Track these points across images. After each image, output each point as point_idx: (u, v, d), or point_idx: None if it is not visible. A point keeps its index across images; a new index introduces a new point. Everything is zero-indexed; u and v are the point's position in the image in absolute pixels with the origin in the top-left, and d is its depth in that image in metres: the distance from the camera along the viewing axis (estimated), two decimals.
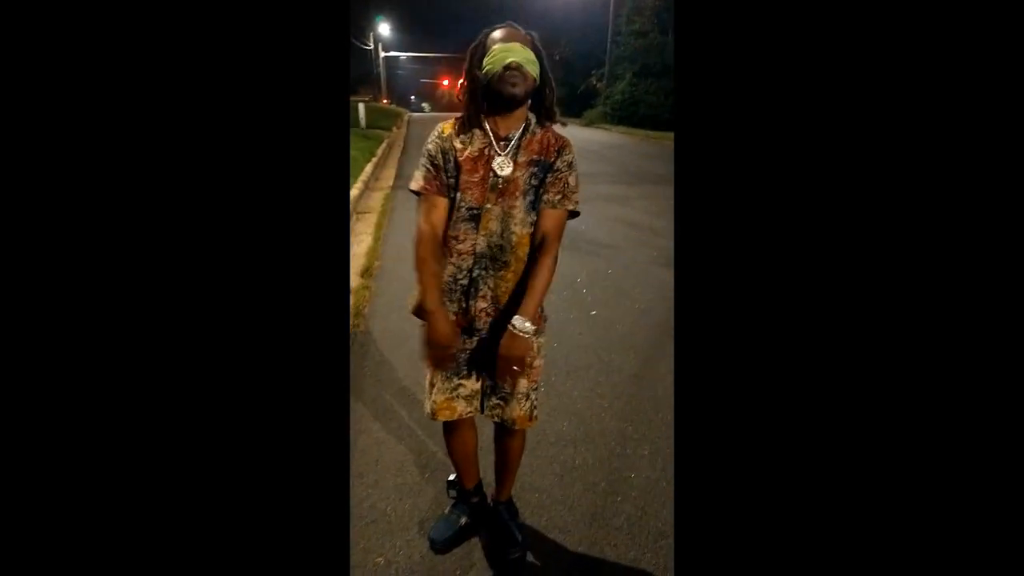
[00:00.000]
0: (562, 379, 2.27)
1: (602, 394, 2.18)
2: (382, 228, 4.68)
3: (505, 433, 1.39)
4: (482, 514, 1.52)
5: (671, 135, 14.61)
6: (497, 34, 1.13)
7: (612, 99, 19.88)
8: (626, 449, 1.85)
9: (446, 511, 1.52)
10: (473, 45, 1.17)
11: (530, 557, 1.43)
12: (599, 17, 22.92)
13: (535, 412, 1.32)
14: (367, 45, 38.09)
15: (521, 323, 1.16)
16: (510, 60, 1.09)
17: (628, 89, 19.01)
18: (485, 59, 1.12)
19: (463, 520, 1.49)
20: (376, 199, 5.96)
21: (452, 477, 1.59)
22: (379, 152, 9.40)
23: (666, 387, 2.22)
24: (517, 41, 1.11)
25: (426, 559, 1.42)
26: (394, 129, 15.42)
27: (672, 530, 1.51)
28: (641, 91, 18.53)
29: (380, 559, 1.41)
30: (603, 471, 1.74)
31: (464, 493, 1.52)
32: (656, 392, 2.19)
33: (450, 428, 1.41)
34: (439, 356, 1.23)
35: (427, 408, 1.32)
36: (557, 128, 1.23)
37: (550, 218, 1.19)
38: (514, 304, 1.21)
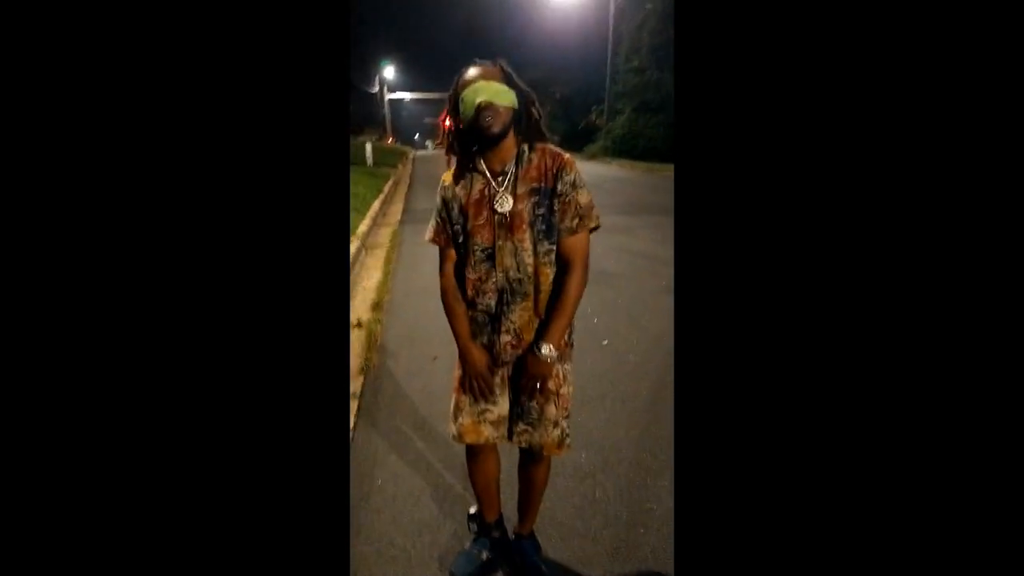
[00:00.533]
0: (578, 410, 2.25)
1: (619, 423, 2.15)
2: (391, 263, 4.72)
3: (531, 461, 1.38)
4: (503, 548, 1.49)
5: (671, 167, 14.83)
6: (466, 76, 1.14)
7: (613, 133, 20.30)
8: (646, 480, 1.82)
9: (467, 546, 1.49)
10: (449, 94, 1.17)
11: None
12: (597, 55, 23.64)
13: (567, 440, 1.30)
14: (373, 89, 39.27)
15: (545, 349, 1.18)
16: (479, 100, 1.09)
17: (628, 124, 19.43)
18: (460, 106, 1.14)
19: (485, 555, 1.46)
20: (384, 234, 6.04)
21: (473, 511, 1.56)
22: (386, 189, 9.57)
23: None
24: (483, 78, 1.11)
25: None
26: (400, 166, 15.74)
27: None
28: (640, 125, 18.92)
29: None
30: (624, 503, 1.71)
31: (485, 527, 1.49)
32: (673, 421, 2.16)
33: (473, 455, 1.40)
34: (480, 386, 1.27)
35: (452, 431, 1.32)
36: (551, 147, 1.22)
37: (571, 244, 1.19)
38: (533, 332, 1.22)
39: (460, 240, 1.24)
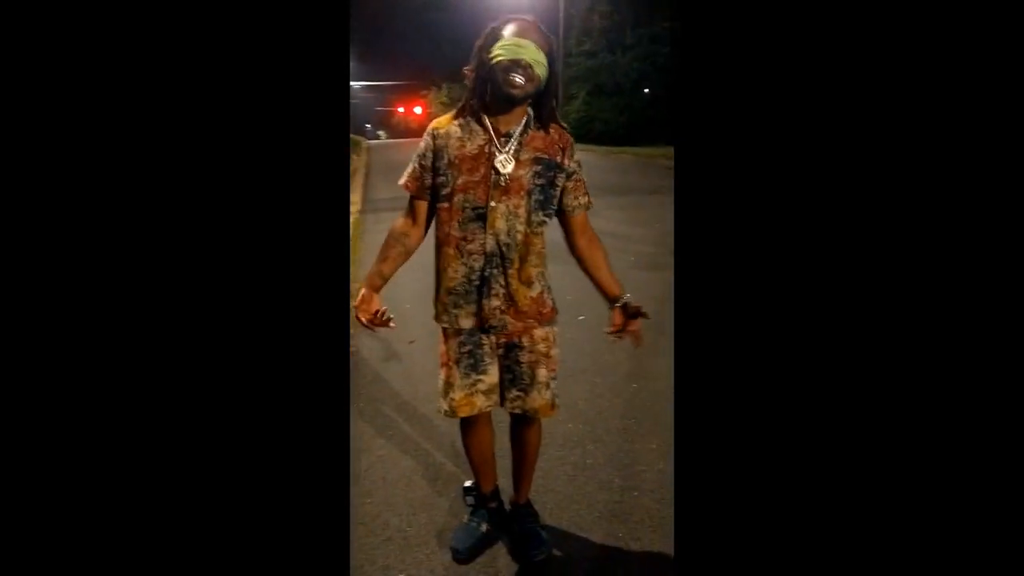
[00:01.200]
0: (561, 382, 2.26)
1: (602, 394, 2.18)
2: (356, 252, 4.61)
3: (523, 425, 1.38)
4: (501, 519, 1.49)
5: (628, 150, 15.04)
6: (512, 27, 1.10)
7: (568, 118, 20.42)
8: (634, 445, 1.85)
9: (465, 519, 1.48)
10: (487, 31, 1.14)
11: (555, 557, 1.40)
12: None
13: (556, 400, 1.32)
14: None
15: (624, 297, 1.31)
16: (521, 57, 1.06)
17: (583, 107, 19.53)
18: (495, 46, 1.09)
19: (484, 527, 1.46)
20: None
21: (469, 483, 1.56)
22: None
23: (663, 382, 2.24)
24: (529, 38, 1.08)
25: (449, 570, 1.37)
26: (354, 156, 15.34)
27: None
28: (595, 109, 19.03)
29: (402, 575, 1.36)
30: (615, 468, 1.73)
31: (482, 498, 1.49)
32: (655, 387, 2.21)
33: (468, 425, 1.39)
34: (363, 320, 1.32)
35: (444, 407, 1.30)
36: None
37: (583, 218, 1.27)
38: (523, 298, 1.21)
39: (444, 194, 1.19)
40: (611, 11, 19.04)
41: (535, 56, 1.08)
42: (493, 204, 1.15)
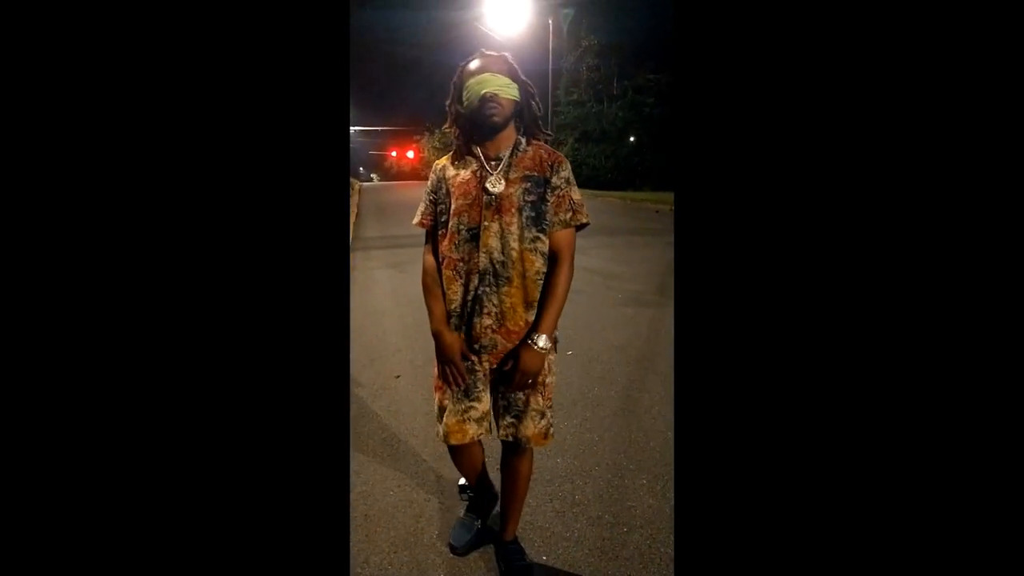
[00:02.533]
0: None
1: (591, 428, 2.14)
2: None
3: (515, 454, 1.35)
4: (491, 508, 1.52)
5: (615, 194, 15.41)
6: (472, 65, 1.19)
7: None
8: (624, 480, 1.81)
9: (461, 515, 1.50)
10: (453, 80, 1.22)
11: None
12: (538, 88, 24.44)
13: (551, 430, 1.30)
14: None
15: (541, 340, 1.19)
16: (484, 91, 1.14)
17: (571, 153, 20.06)
18: (463, 94, 1.18)
19: (480, 522, 1.49)
20: None
21: (463, 482, 1.58)
22: None
23: (653, 417, 2.21)
24: (489, 69, 1.16)
25: None
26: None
27: None
28: (583, 155, 19.55)
29: None
30: (605, 504, 1.69)
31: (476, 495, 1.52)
32: (644, 423, 2.18)
33: (457, 451, 1.37)
34: (452, 373, 1.24)
35: (439, 431, 1.29)
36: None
37: (561, 237, 1.21)
38: (518, 319, 1.21)
39: (443, 220, 1.23)
40: (598, 63, 19.87)
41: (499, 83, 1.15)
42: (486, 224, 1.17)
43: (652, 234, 7.70)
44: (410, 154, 25.65)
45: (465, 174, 1.21)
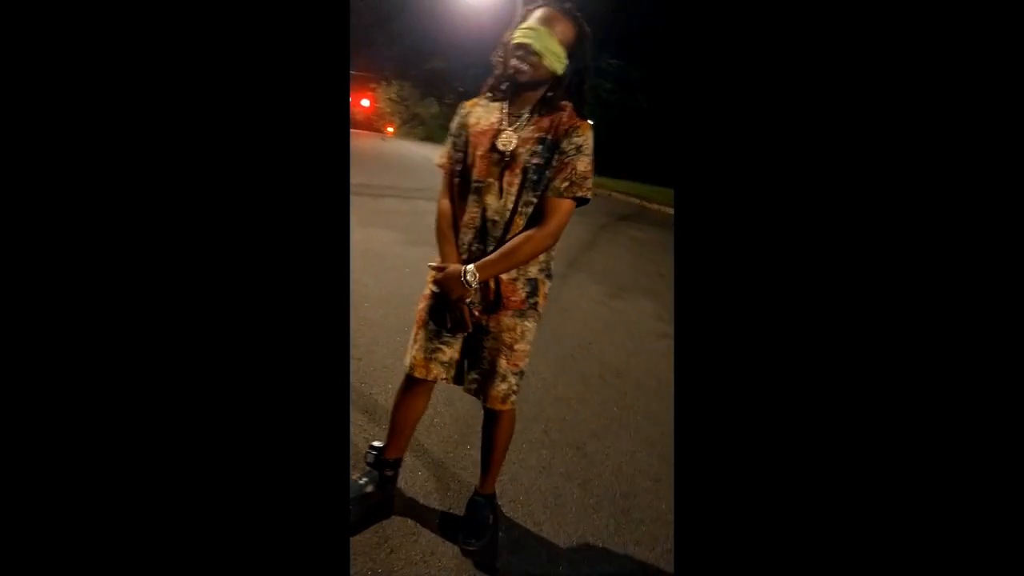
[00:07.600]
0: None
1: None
2: None
3: (489, 419, 1.38)
4: (387, 488, 1.43)
5: None
6: (538, 13, 1.13)
7: None
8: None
9: (355, 476, 1.41)
10: (521, 12, 1.17)
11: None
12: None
13: (512, 397, 1.28)
14: None
15: (469, 273, 1.14)
16: (529, 43, 1.08)
17: None
18: (516, 28, 1.13)
19: (370, 487, 1.37)
20: None
21: (376, 444, 1.48)
22: None
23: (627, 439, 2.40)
24: (549, 26, 1.10)
25: None
26: None
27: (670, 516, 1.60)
28: None
29: None
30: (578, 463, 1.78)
31: (381, 462, 1.41)
32: (615, 445, 2.36)
33: (408, 387, 1.35)
34: (455, 316, 1.21)
35: (406, 360, 1.31)
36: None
37: (553, 204, 1.13)
38: (503, 282, 1.20)
39: (459, 169, 1.23)
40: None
41: (546, 44, 1.09)
42: (490, 180, 1.16)
43: (584, 215, 7.80)
44: (365, 102, 24.22)
45: (484, 124, 1.19)
